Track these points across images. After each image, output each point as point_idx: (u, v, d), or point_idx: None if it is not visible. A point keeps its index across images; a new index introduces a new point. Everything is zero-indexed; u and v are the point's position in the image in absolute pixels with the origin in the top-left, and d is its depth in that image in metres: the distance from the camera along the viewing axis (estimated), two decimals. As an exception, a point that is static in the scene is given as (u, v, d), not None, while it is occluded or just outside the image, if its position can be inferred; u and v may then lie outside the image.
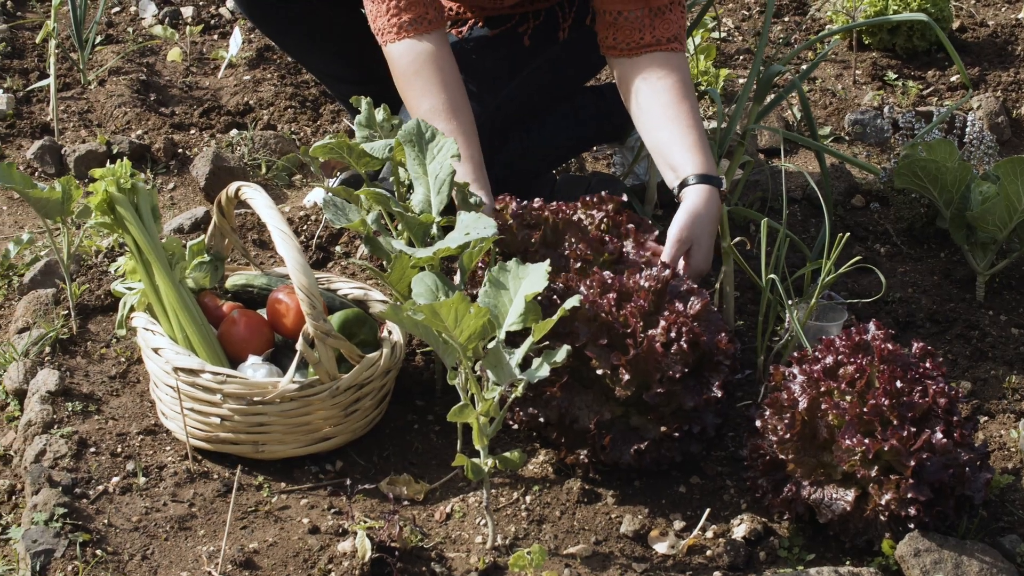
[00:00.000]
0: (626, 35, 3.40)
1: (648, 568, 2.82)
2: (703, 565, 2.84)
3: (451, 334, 2.70)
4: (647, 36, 3.40)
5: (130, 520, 2.89)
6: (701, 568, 2.83)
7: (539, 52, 3.48)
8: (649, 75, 3.37)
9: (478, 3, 3.66)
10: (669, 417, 2.98)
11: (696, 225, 3.21)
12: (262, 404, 2.98)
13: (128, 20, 5.23)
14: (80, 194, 3.31)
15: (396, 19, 3.41)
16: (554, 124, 3.79)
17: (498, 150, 3.48)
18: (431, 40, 3.41)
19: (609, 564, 2.83)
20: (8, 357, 3.37)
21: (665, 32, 3.39)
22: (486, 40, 3.69)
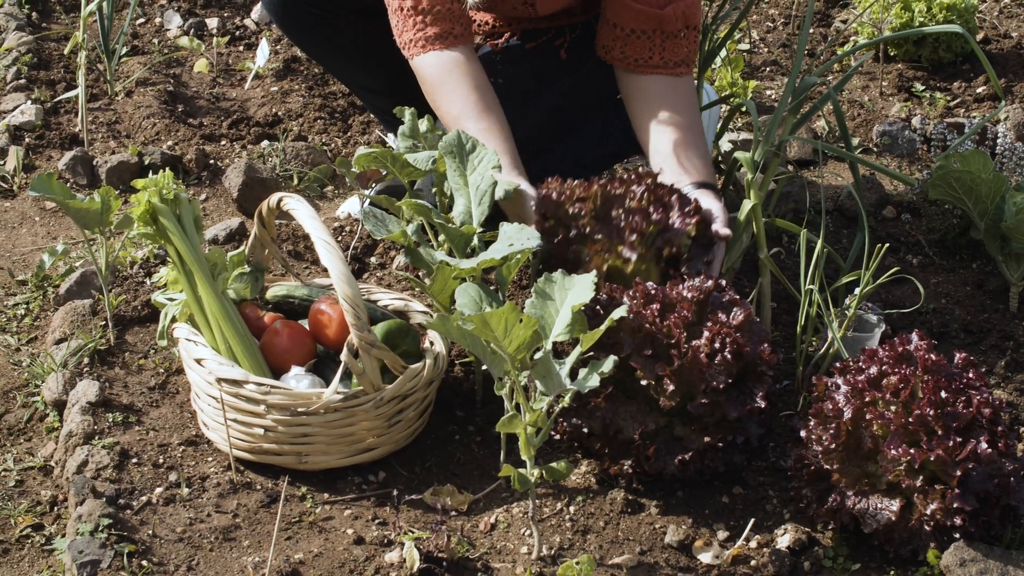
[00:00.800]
0: (635, 52, 3.43)
1: (694, 578, 2.83)
2: (749, 575, 2.83)
3: (500, 344, 2.70)
4: (655, 57, 3.43)
5: (174, 531, 2.89)
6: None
7: (574, 66, 3.49)
8: (652, 98, 3.42)
9: (514, 15, 3.67)
10: (713, 427, 2.98)
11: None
12: (306, 415, 2.98)
13: (153, 31, 5.23)
14: (119, 205, 3.31)
15: (421, 33, 3.42)
16: (586, 137, 3.79)
17: (529, 164, 3.48)
18: (458, 51, 3.42)
19: (654, 574, 2.83)
20: (47, 368, 3.37)
21: (673, 56, 3.42)
22: (522, 53, 3.70)
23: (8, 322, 3.63)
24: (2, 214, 4.09)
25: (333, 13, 3.76)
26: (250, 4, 5.44)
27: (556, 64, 3.37)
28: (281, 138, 4.35)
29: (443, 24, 3.42)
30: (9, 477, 3.14)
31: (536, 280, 2.89)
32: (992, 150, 4.04)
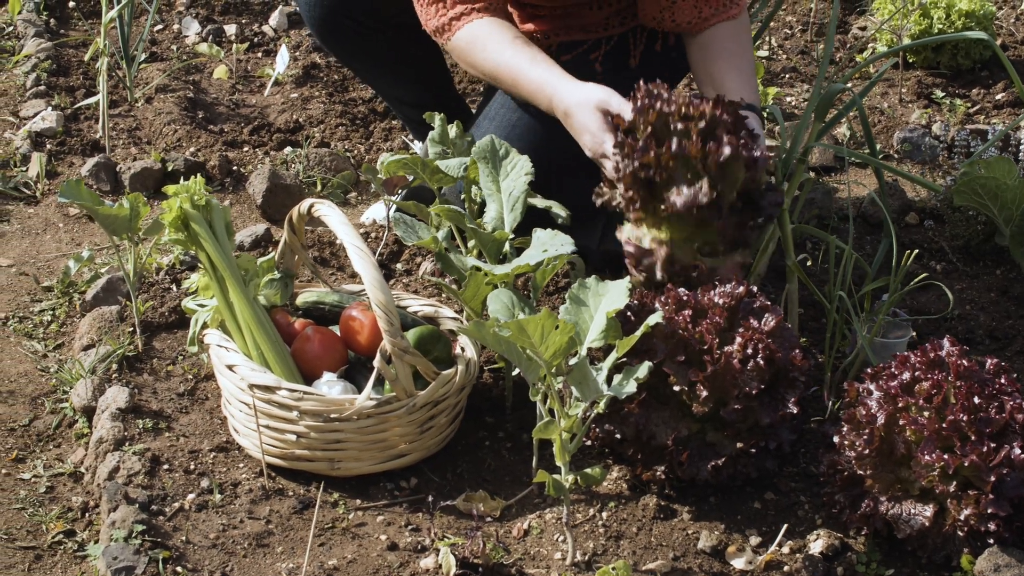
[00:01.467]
0: (684, 16, 3.43)
1: (728, 584, 2.83)
2: (782, 581, 2.84)
3: (536, 350, 2.70)
4: (705, 10, 3.43)
5: (208, 537, 2.89)
6: (780, 584, 2.84)
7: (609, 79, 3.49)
8: (714, 41, 3.45)
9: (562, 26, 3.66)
10: (745, 433, 2.98)
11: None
12: (339, 421, 2.98)
13: (171, 38, 5.24)
14: (147, 211, 3.31)
15: (444, 18, 3.43)
16: None
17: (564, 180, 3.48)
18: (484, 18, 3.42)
19: (688, 580, 2.84)
20: (75, 374, 3.38)
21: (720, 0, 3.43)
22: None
23: (35, 328, 3.63)
24: (26, 220, 4.09)
25: (373, 27, 3.77)
26: (268, 11, 5.45)
27: (591, 77, 3.36)
28: (304, 144, 4.35)
29: (459, 5, 3.43)
30: (39, 483, 3.14)
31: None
32: (1015, 156, 4.05)
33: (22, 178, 4.25)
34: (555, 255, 2.98)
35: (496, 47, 3.39)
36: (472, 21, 3.43)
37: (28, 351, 3.54)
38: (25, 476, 3.16)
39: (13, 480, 3.15)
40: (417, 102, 3.97)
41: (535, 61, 3.36)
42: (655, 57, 3.64)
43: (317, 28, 3.83)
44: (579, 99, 3.24)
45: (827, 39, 3.43)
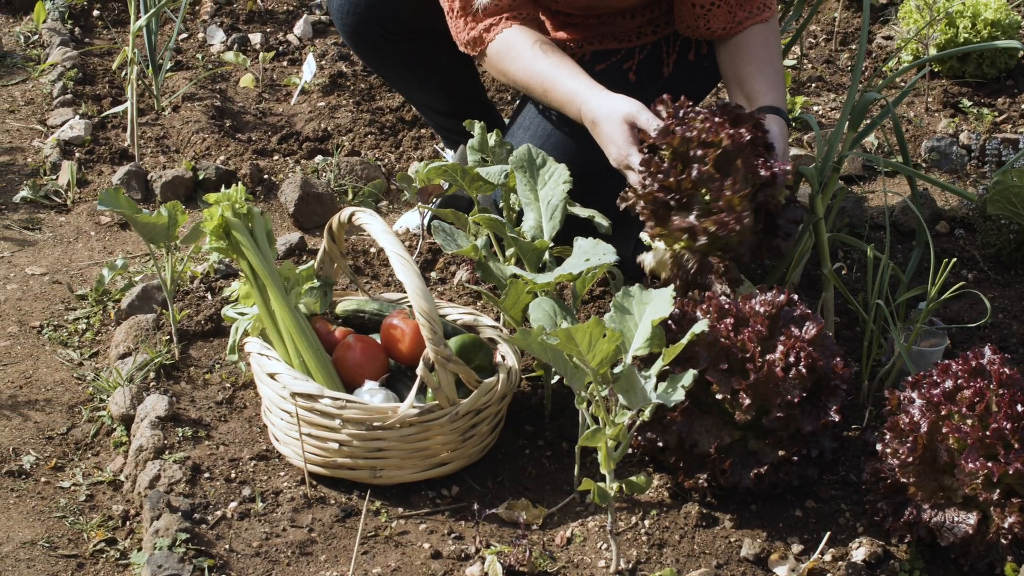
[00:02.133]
0: (718, 22, 3.44)
1: (771, 592, 2.83)
2: (826, 589, 2.85)
3: (584, 358, 2.71)
4: (739, 14, 3.44)
5: (251, 545, 2.89)
6: (824, 592, 2.84)
7: (642, 88, 3.49)
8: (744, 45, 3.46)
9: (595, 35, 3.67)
10: (787, 441, 2.98)
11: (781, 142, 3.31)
12: (382, 429, 2.98)
13: (196, 47, 5.24)
14: (185, 219, 3.31)
15: (474, 31, 3.44)
16: None
17: (601, 188, 3.48)
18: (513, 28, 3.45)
19: (733, 588, 2.84)
20: (113, 382, 3.38)
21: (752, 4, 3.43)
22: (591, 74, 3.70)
23: (69, 336, 3.64)
24: (57, 228, 4.09)
25: (404, 35, 3.78)
26: (292, 20, 5.45)
27: (625, 86, 3.36)
28: (335, 153, 4.35)
29: (490, 17, 3.44)
30: (79, 491, 3.14)
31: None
32: (1046, 165, 4.05)
33: (52, 186, 4.25)
34: (598, 264, 2.98)
35: (528, 56, 3.40)
36: (502, 31, 3.44)
37: (64, 359, 3.54)
38: (65, 484, 3.16)
39: (53, 488, 3.15)
40: (448, 110, 3.98)
41: (566, 70, 3.37)
42: (688, 66, 3.65)
43: (349, 36, 3.84)
44: (607, 110, 3.26)
45: (859, 50, 3.43)
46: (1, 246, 4.00)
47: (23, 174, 4.37)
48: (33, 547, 2.98)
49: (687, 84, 3.67)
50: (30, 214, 4.16)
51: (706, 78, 3.74)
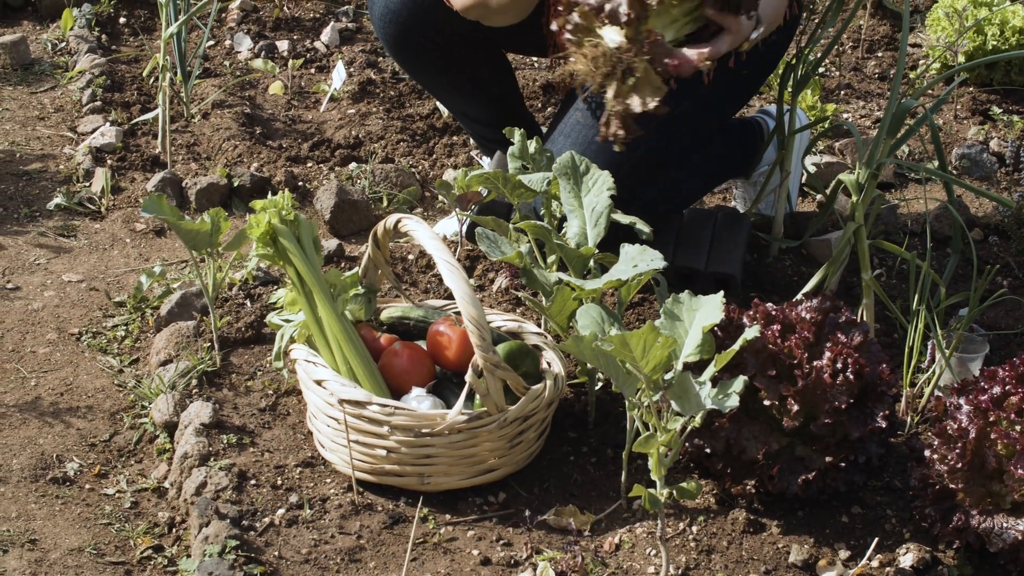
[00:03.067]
0: None
1: (821, 598, 2.84)
2: (874, 595, 2.85)
3: (637, 364, 2.71)
4: None
5: (300, 552, 2.89)
6: (873, 598, 2.85)
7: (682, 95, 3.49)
8: None
9: None
10: (834, 447, 2.99)
11: None
12: (430, 436, 2.98)
13: (223, 54, 5.24)
14: (228, 226, 3.32)
15: None
16: (688, 166, 3.79)
17: (637, 195, 3.49)
18: None
19: (781, 594, 2.84)
20: (155, 389, 3.38)
21: None
22: None
23: (108, 343, 3.64)
24: (92, 235, 4.10)
25: (445, 44, 3.79)
26: (319, 27, 5.46)
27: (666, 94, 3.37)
28: (370, 160, 4.36)
29: None
30: (124, 498, 3.14)
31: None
32: (1080, 172, 4.07)
33: (86, 193, 4.26)
34: (647, 270, 2.99)
35: None
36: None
37: (103, 366, 3.54)
38: (109, 491, 3.17)
39: (97, 495, 3.16)
40: (487, 119, 3.99)
41: None
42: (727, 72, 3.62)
43: (391, 44, 3.84)
44: None
45: (899, 60, 3.43)
46: (37, 253, 4.00)
47: (56, 181, 4.37)
48: (80, 554, 2.98)
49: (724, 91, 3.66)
50: (64, 221, 4.16)
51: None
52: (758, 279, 3.83)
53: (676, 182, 3.76)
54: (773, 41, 3.69)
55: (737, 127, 3.97)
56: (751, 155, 3.98)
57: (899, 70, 3.42)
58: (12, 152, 4.53)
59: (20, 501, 3.11)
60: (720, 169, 3.92)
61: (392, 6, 3.79)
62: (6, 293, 3.82)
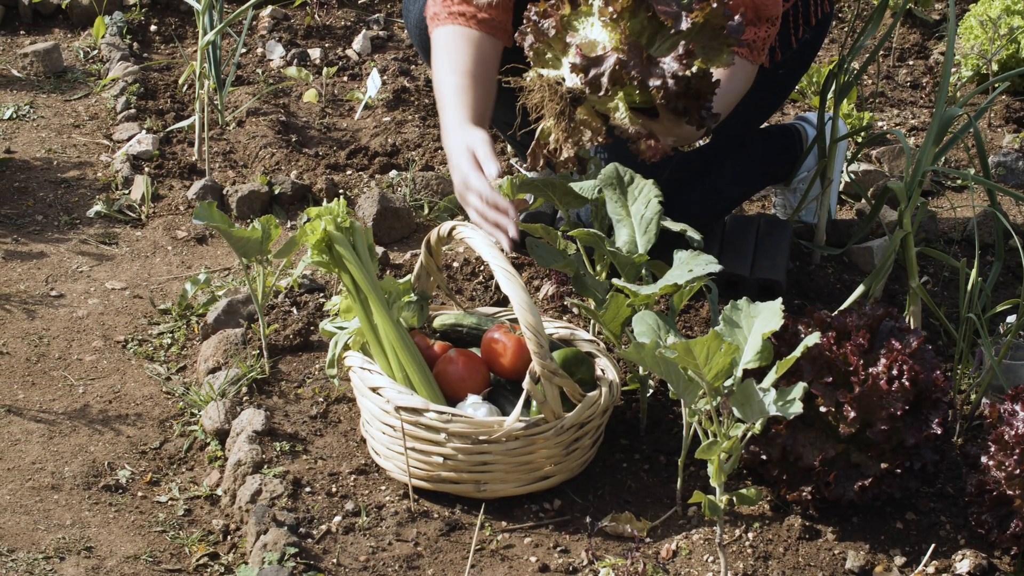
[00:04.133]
0: None
1: (879, 605, 2.84)
2: (931, 601, 2.86)
3: (700, 371, 2.72)
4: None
5: (358, 560, 2.90)
6: (931, 604, 2.86)
7: None
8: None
9: None
10: (889, 454, 3.00)
11: None
12: (487, 443, 2.99)
13: (255, 62, 5.25)
14: (278, 233, 3.32)
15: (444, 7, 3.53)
16: (728, 172, 3.80)
17: (675, 202, 3.49)
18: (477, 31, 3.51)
19: (840, 600, 2.85)
20: (205, 397, 3.38)
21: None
22: None
23: (155, 351, 3.64)
24: (134, 243, 4.10)
25: None
26: (351, 35, 5.46)
27: None
28: (410, 168, 4.36)
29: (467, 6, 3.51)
30: (177, 506, 3.15)
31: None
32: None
33: (126, 201, 4.26)
34: (702, 274, 2.99)
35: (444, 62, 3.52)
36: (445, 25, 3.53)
37: (151, 374, 3.54)
38: (162, 499, 3.17)
39: (150, 503, 3.16)
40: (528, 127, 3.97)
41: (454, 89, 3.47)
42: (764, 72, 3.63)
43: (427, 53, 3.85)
44: (453, 143, 3.38)
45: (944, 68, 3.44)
46: (79, 260, 4.01)
47: (94, 188, 4.37)
48: (137, 561, 2.98)
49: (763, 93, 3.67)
50: (105, 228, 4.17)
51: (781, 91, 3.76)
52: (801, 286, 3.84)
53: (717, 188, 3.77)
54: (806, 40, 3.71)
55: (777, 133, 3.98)
56: (791, 162, 3.99)
57: (945, 79, 3.43)
58: (49, 160, 4.54)
59: (74, 508, 3.12)
60: (761, 175, 3.93)
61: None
62: (50, 300, 3.82)
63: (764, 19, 3.37)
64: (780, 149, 3.96)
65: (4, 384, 3.49)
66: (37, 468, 3.22)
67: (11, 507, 3.10)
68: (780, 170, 4.00)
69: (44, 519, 3.08)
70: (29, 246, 4.07)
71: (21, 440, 3.31)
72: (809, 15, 3.67)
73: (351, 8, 5.69)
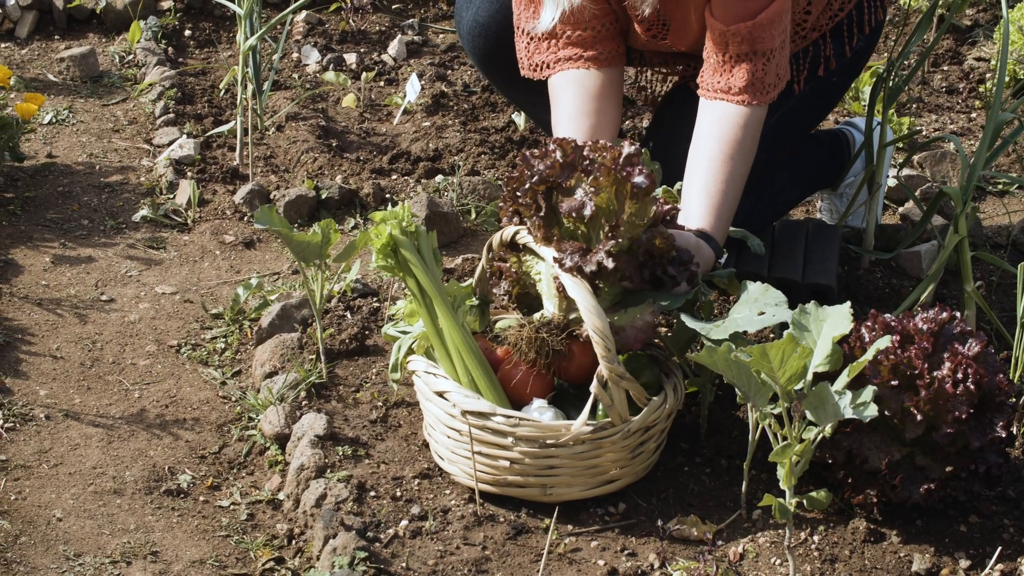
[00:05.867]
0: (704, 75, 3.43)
1: (947, 607, 2.85)
2: (998, 604, 2.87)
3: (774, 374, 2.73)
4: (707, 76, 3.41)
5: (426, 564, 2.90)
6: (999, 607, 2.86)
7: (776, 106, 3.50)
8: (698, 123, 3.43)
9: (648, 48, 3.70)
10: (954, 457, 3.00)
11: None
12: (555, 447, 2.99)
13: (291, 67, 5.26)
14: (337, 238, 3.32)
15: (553, 55, 3.55)
16: (781, 179, 3.81)
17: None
18: (582, 70, 3.52)
19: (909, 602, 2.86)
20: (264, 401, 3.38)
21: (723, 79, 3.39)
22: None
23: (209, 355, 3.64)
24: (182, 247, 4.10)
25: None
26: (386, 40, 5.47)
27: None
28: (457, 172, 4.37)
29: (556, 49, 3.50)
30: (239, 510, 3.15)
31: None
32: None
33: (171, 205, 4.26)
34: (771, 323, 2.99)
35: (564, 108, 3.53)
36: (558, 72, 3.54)
37: (206, 378, 3.55)
38: (223, 503, 3.17)
39: (212, 507, 3.16)
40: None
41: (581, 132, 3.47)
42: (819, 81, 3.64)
43: (480, 59, 3.85)
44: None
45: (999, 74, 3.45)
46: (128, 265, 4.01)
47: (138, 193, 4.38)
48: (203, 566, 2.99)
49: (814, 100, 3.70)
50: (152, 233, 4.17)
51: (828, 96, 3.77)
52: (851, 291, 3.85)
53: (772, 193, 3.78)
54: (860, 48, 3.72)
55: (826, 138, 4.00)
56: (840, 166, 4.00)
57: (999, 85, 3.45)
58: (91, 164, 4.54)
59: (137, 513, 3.12)
60: (812, 180, 3.94)
61: (482, 20, 3.79)
62: (101, 305, 3.83)
63: (759, 53, 3.36)
64: (829, 154, 3.97)
65: (60, 388, 3.50)
66: (98, 473, 3.23)
67: (75, 512, 3.10)
68: (829, 175, 4.01)
69: (108, 524, 3.08)
70: (77, 250, 4.07)
71: (80, 445, 3.31)
72: (863, 24, 3.68)
73: (385, 13, 5.70)
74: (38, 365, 3.58)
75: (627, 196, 3.03)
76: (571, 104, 3.50)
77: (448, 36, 5.60)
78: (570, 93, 3.51)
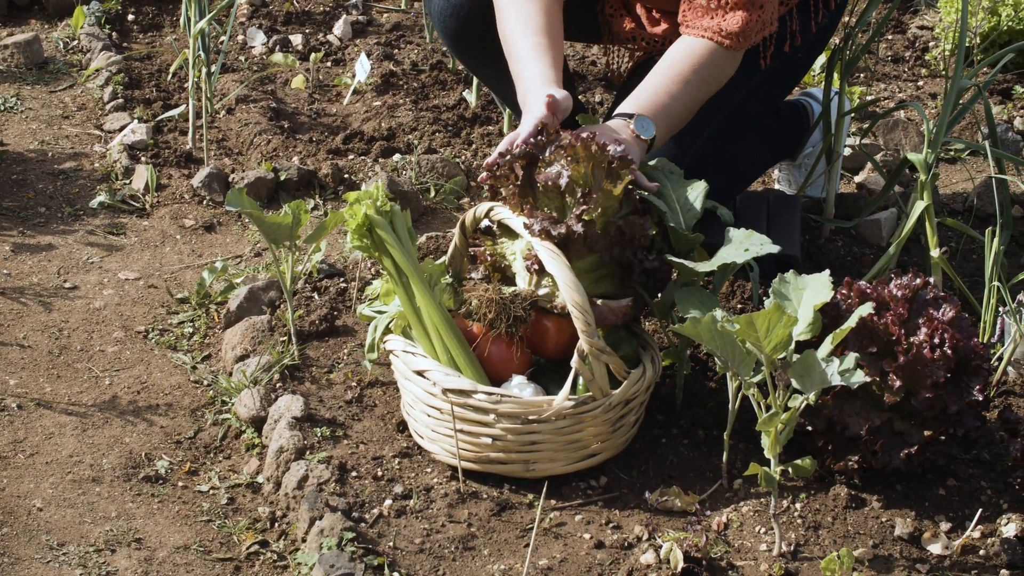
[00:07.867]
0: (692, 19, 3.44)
1: (931, 569, 2.88)
2: (981, 564, 2.90)
3: (760, 344, 2.75)
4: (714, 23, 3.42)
5: (413, 542, 2.90)
6: (981, 567, 2.89)
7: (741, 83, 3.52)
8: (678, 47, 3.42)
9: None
10: (932, 421, 3.04)
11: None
12: (537, 423, 3.00)
13: (237, 49, 5.21)
14: (307, 219, 3.31)
15: None
16: (746, 151, 3.83)
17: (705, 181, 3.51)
18: None
19: (893, 566, 2.88)
20: (238, 385, 3.36)
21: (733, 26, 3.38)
22: None
23: (177, 340, 3.62)
24: (142, 233, 4.07)
25: None
26: (330, 21, 5.43)
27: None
28: (414, 151, 4.35)
29: None
30: (219, 495, 3.14)
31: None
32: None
33: (128, 191, 4.22)
34: (758, 254, 3.01)
35: (515, 25, 3.46)
36: None
37: (176, 363, 3.52)
38: (203, 488, 3.15)
39: (192, 493, 3.15)
40: None
41: (533, 48, 3.41)
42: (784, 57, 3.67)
43: (452, 40, 3.82)
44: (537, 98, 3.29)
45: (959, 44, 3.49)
46: (89, 251, 3.97)
47: (93, 179, 4.33)
48: (187, 551, 2.97)
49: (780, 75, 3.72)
50: (111, 219, 4.13)
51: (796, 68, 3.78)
52: (814, 260, 3.88)
53: (739, 165, 3.80)
54: (825, 24, 3.74)
55: (787, 110, 4.02)
56: (799, 137, 4.03)
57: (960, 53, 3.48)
58: (44, 151, 4.49)
59: (117, 501, 3.10)
60: (775, 151, 3.97)
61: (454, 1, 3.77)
62: (65, 292, 3.79)
63: (755, 5, 3.36)
64: (792, 124, 4.00)
65: (30, 377, 3.46)
66: (75, 461, 3.20)
67: (55, 501, 3.08)
68: (790, 145, 4.04)
69: (89, 512, 3.06)
70: (36, 238, 4.03)
71: (55, 433, 3.28)
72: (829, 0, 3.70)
73: (329, -6, 5.68)
74: (5, 355, 3.53)
75: (604, 172, 3.04)
76: (531, 18, 3.46)
77: (393, 15, 5.58)
78: (527, 8, 3.48)
